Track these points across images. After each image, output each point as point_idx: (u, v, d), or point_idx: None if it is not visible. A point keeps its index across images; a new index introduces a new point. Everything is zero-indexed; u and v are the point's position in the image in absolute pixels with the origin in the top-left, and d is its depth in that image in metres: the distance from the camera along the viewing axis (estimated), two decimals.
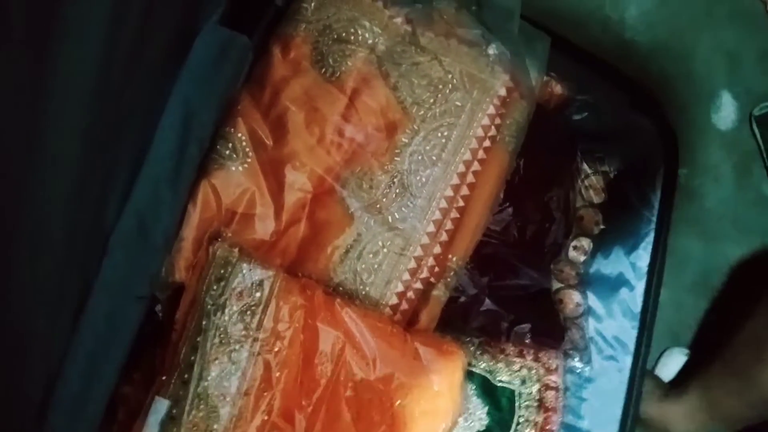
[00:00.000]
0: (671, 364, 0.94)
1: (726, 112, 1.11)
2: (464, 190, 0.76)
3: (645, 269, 0.86)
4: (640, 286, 0.86)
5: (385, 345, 0.67)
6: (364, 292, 0.72)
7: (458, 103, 0.76)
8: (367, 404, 0.68)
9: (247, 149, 0.71)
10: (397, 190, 0.74)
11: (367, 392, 0.67)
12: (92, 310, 0.60)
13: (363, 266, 0.73)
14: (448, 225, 0.75)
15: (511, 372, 0.76)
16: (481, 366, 0.75)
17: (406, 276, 0.73)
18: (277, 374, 0.65)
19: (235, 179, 0.70)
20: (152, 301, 0.67)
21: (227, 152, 0.71)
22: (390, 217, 0.74)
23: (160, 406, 0.62)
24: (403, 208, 0.74)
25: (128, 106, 0.59)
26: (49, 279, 0.54)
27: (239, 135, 0.71)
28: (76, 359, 0.59)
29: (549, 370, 0.77)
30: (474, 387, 0.74)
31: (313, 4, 0.75)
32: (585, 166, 0.90)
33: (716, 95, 1.11)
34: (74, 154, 0.50)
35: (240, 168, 0.71)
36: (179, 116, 0.66)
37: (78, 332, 0.59)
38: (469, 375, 0.73)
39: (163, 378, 0.63)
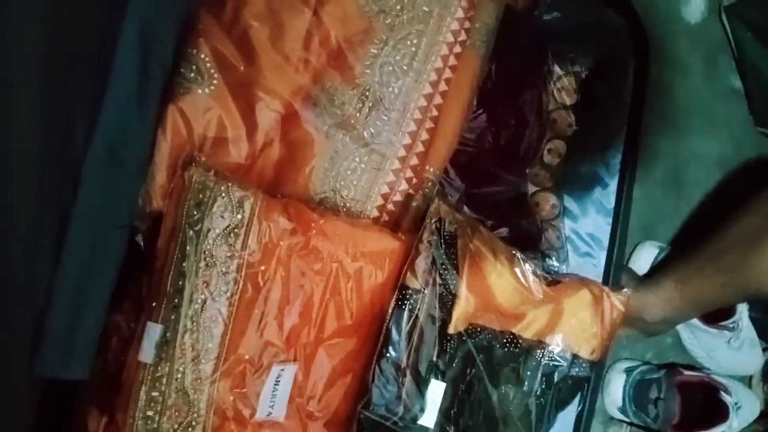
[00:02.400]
0: (644, 257, 0.98)
1: (695, 5, 1.10)
2: (437, 99, 0.75)
3: (617, 166, 0.88)
4: (613, 184, 0.88)
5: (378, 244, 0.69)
6: (345, 208, 0.73)
7: (425, 9, 0.74)
8: (369, 306, 0.70)
9: (212, 71, 0.69)
10: (370, 104, 0.73)
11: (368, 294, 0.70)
12: (73, 240, 0.60)
13: (342, 183, 0.73)
14: (424, 135, 0.75)
15: None
16: None
17: (385, 189, 0.74)
18: (268, 292, 0.66)
19: (202, 102, 0.68)
20: (132, 231, 0.67)
21: (192, 75, 0.69)
22: (365, 132, 0.73)
23: (153, 330, 0.64)
24: (377, 122, 0.73)
25: (83, 27, 0.56)
26: (24, 211, 0.53)
27: (202, 56, 0.69)
28: (62, 291, 0.59)
29: None
30: None
31: None
32: (556, 68, 0.89)
33: None
34: (33, 80, 0.49)
35: (207, 90, 0.69)
36: (136, 36, 0.63)
37: (61, 264, 0.59)
38: None
39: (153, 304, 0.64)
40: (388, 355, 0.69)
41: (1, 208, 0.51)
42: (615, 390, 0.96)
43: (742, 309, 0.94)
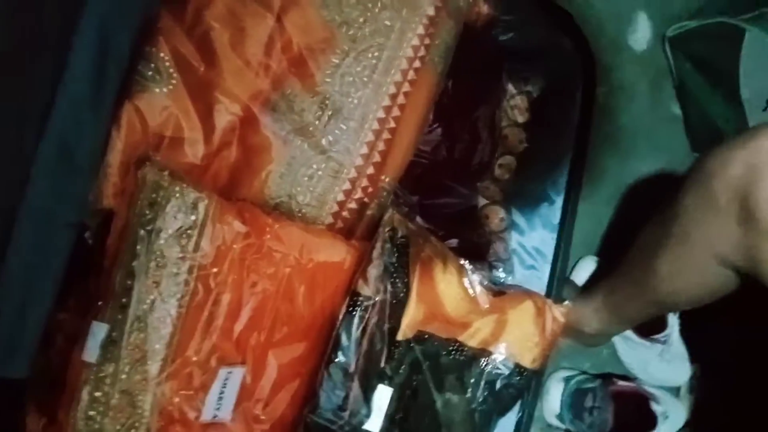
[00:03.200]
0: (584, 270, 1.02)
1: (641, 33, 1.15)
2: (395, 111, 0.77)
3: (564, 184, 0.91)
4: (560, 200, 0.92)
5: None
6: (300, 214, 0.73)
7: (388, 23, 0.76)
8: (320, 312, 0.71)
9: (171, 70, 0.69)
10: (330, 113, 0.74)
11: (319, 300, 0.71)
12: (19, 239, 0.59)
13: (298, 189, 0.74)
14: (381, 146, 0.77)
15: None
16: None
17: (341, 197, 0.75)
18: (219, 295, 0.66)
19: (160, 101, 0.68)
20: (81, 228, 0.66)
21: (150, 73, 0.68)
22: (324, 140, 0.74)
23: (99, 330, 0.63)
24: (336, 131, 0.75)
25: (39, 25, 0.55)
26: None
27: (162, 55, 0.69)
28: (6, 288, 0.58)
29: None
30: None
31: None
32: (510, 86, 0.93)
33: (633, 16, 1.14)
34: None
35: (165, 90, 0.69)
36: (94, 35, 0.63)
37: (6, 261, 0.58)
38: None
39: (100, 303, 0.63)
40: (336, 360, 0.70)
41: None
42: (553, 398, 0.99)
43: (674, 323, 0.99)
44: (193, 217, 0.66)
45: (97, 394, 0.63)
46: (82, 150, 0.61)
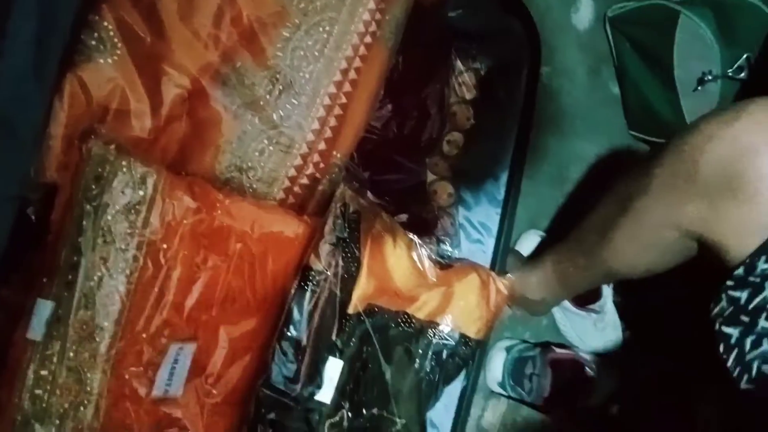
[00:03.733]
0: (528, 243, 1.06)
1: (584, 12, 1.18)
2: (347, 87, 0.77)
3: (508, 161, 0.94)
4: (504, 177, 0.95)
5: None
6: (251, 189, 0.73)
7: None
8: (271, 287, 0.72)
9: (116, 40, 0.67)
10: (281, 87, 0.74)
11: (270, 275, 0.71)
12: None
13: (249, 164, 0.73)
14: (332, 122, 0.77)
15: None
16: None
17: (293, 172, 0.75)
18: (168, 270, 0.66)
19: (104, 72, 0.66)
20: (23, 203, 0.63)
21: (93, 43, 0.66)
22: (275, 115, 0.74)
23: (44, 307, 0.61)
24: (287, 105, 0.74)
25: None
26: None
27: (105, 24, 0.66)
28: None
29: None
30: None
31: None
32: (459, 63, 0.94)
33: None
34: None
35: (109, 60, 0.66)
36: (34, 2, 0.60)
37: None
38: None
39: (44, 280, 0.62)
40: (288, 334, 0.71)
41: None
42: (495, 366, 1.04)
43: (608, 294, 1.05)
44: (141, 192, 0.65)
45: (43, 372, 0.62)
46: (24, 122, 0.59)
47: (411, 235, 0.80)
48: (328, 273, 0.72)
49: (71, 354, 0.62)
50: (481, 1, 0.95)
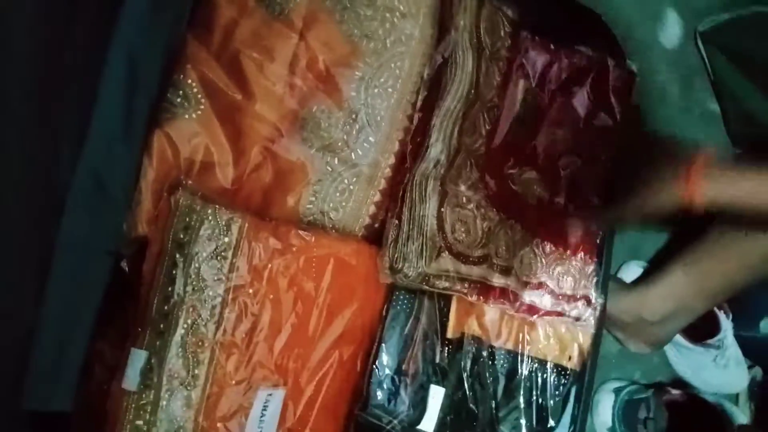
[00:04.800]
0: (629, 274, 0.99)
1: (672, 30, 1.13)
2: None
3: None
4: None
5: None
6: (333, 230, 0.73)
7: (407, 32, 0.76)
8: (360, 321, 0.71)
9: (200, 96, 0.69)
10: (357, 126, 0.74)
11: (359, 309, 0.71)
12: (57, 272, 0.59)
13: (330, 205, 0.73)
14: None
15: None
16: None
17: (373, 209, 0.75)
18: (257, 314, 0.66)
19: (189, 128, 0.68)
20: (117, 257, 0.66)
21: (178, 100, 0.69)
22: (353, 154, 0.74)
23: (138, 357, 0.63)
24: (364, 144, 0.74)
25: (69, 58, 0.56)
26: (7, 241, 0.52)
27: (189, 82, 0.69)
28: (47, 323, 0.58)
29: None
30: None
31: None
32: None
33: (662, 14, 1.12)
34: (19, 107, 0.48)
35: (194, 116, 0.69)
36: (123, 66, 0.64)
37: (46, 296, 0.58)
38: None
39: (138, 330, 0.63)
40: (386, 358, 0.69)
41: None
42: (604, 410, 0.96)
43: (727, 327, 0.95)
44: (227, 239, 0.66)
45: (139, 422, 0.63)
46: (116, 182, 0.62)
47: None
48: (425, 296, 0.69)
49: (164, 403, 0.63)
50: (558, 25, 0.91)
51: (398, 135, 0.75)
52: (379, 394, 0.69)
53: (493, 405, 0.74)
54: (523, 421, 0.76)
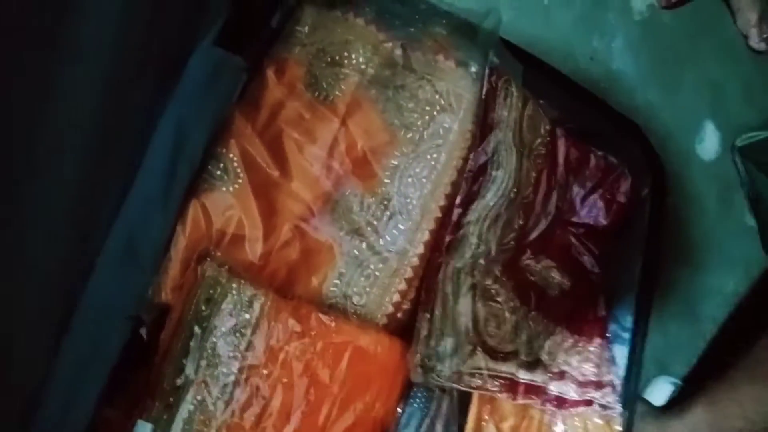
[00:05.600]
0: (659, 392, 0.94)
1: (709, 143, 1.13)
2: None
3: (634, 297, 0.86)
4: (630, 314, 0.87)
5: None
6: (354, 315, 0.71)
7: (446, 125, 0.77)
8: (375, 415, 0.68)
9: (239, 170, 0.71)
10: (388, 213, 0.74)
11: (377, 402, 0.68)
12: (76, 331, 0.59)
13: (354, 290, 0.72)
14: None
15: None
16: None
17: (397, 297, 0.73)
18: (269, 396, 0.64)
19: (225, 200, 0.69)
20: (137, 322, 0.66)
21: (218, 173, 0.70)
22: (381, 240, 0.73)
23: (143, 429, 0.61)
24: (394, 231, 0.74)
25: (124, 125, 0.58)
26: (34, 299, 0.53)
27: (231, 156, 0.71)
28: (56, 383, 0.57)
29: None
30: None
31: (307, 28, 0.76)
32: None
33: (700, 126, 1.13)
34: (72, 172, 0.50)
35: (231, 189, 0.70)
36: (171, 135, 0.66)
37: (60, 354, 0.58)
38: None
39: (148, 401, 0.62)
40: None
41: (11, 289, 0.51)
42: None
43: None
44: (247, 315, 0.65)
45: None
46: (148, 247, 0.62)
47: None
48: (443, 396, 0.67)
49: None
50: (597, 132, 0.93)
51: (429, 225, 0.75)
52: None
53: None
54: None
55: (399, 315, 0.74)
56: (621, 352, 0.86)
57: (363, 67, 0.76)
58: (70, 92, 0.47)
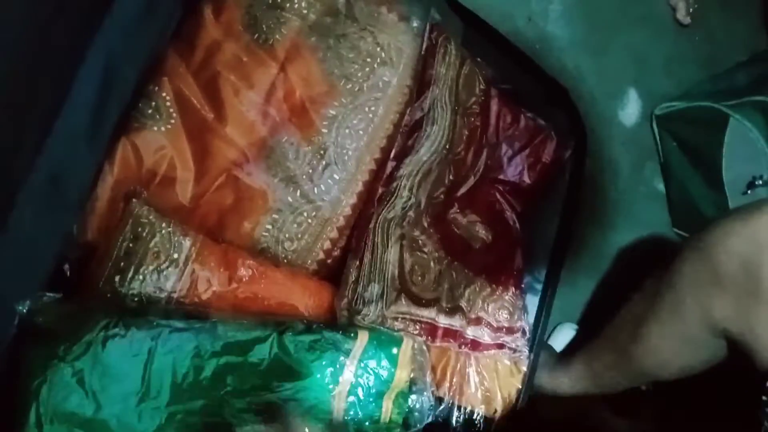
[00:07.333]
0: (562, 337, 1.02)
1: (631, 110, 1.19)
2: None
3: (549, 251, 0.92)
4: (544, 267, 0.93)
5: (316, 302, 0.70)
6: (285, 260, 0.73)
7: (386, 79, 0.78)
8: None
9: (172, 111, 0.69)
10: (324, 163, 0.75)
11: None
12: None
13: (286, 235, 0.73)
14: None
15: None
16: None
17: (328, 245, 0.75)
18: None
19: (157, 140, 0.68)
20: (61, 259, 0.64)
21: (149, 111, 0.69)
22: (316, 189, 0.74)
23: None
24: (328, 180, 0.75)
25: (46, 52, 0.55)
26: None
27: (164, 95, 0.69)
28: None
29: None
30: None
31: None
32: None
33: (623, 93, 1.18)
34: None
35: (163, 129, 0.69)
36: (100, 68, 0.63)
37: None
38: None
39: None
40: None
41: None
42: None
43: None
44: (175, 255, 0.65)
45: None
46: (74, 183, 0.61)
47: None
48: None
49: None
50: (527, 93, 0.96)
51: (363, 177, 0.77)
52: None
53: None
54: None
55: (329, 261, 0.76)
56: (533, 302, 0.92)
57: (305, 12, 0.75)
58: None
